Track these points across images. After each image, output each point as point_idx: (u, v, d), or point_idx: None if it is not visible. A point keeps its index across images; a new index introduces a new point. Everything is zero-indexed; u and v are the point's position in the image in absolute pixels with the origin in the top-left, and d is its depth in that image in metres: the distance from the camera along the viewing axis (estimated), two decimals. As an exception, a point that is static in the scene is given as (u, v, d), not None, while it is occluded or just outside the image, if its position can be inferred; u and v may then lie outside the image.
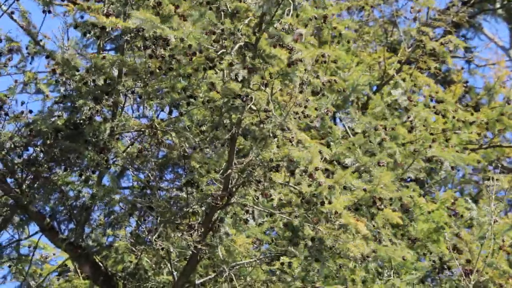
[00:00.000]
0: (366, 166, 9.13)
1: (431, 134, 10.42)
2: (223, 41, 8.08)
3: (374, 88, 11.92)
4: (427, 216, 10.15)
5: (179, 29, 8.23)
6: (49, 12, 9.08)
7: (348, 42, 11.54)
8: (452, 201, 10.26)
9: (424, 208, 10.17)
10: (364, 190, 8.55)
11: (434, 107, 10.95)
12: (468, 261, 9.20)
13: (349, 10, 12.92)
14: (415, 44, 11.23)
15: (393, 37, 13.09)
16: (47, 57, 9.45)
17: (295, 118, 8.25)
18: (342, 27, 11.09)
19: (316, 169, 8.25)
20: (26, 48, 9.66)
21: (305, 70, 8.03)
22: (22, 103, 9.57)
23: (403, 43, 11.84)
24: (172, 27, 8.28)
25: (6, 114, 9.54)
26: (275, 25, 7.96)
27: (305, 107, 8.12)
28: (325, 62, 8.60)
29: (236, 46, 8.06)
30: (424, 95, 11.31)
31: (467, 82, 12.50)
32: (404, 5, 13.21)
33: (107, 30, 8.93)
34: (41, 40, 9.65)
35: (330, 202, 8.25)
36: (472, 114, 11.20)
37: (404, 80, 11.41)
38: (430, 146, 10.08)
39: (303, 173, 8.29)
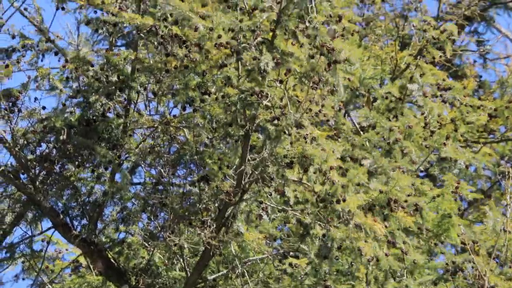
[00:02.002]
0: (383, 167, 9.11)
1: (441, 125, 10.37)
2: (242, 37, 8.07)
3: (386, 82, 11.88)
4: (433, 203, 10.11)
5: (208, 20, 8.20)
6: (63, 9, 9.07)
7: (352, 34, 11.49)
8: (456, 185, 10.20)
9: (429, 194, 10.12)
10: (380, 191, 8.55)
11: (441, 95, 10.88)
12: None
13: (359, 5, 12.87)
14: (420, 36, 11.18)
15: (404, 31, 13.04)
16: (56, 53, 9.44)
17: (310, 116, 8.24)
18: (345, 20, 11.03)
19: (331, 168, 8.24)
20: (38, 45, 9.65)
21: (350, 66, 7.97)
22: (35, 99, 9.59)
23: (414, 36, 11.78)
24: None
25: (20, 110, 9.55)
26: (305, 25, 7.93)
27: (322, 106, 8.10)
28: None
29: (255, 42, 8.04)
30: (431, 84, 11.25)
31: (480, 76, 12.47)
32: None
33: (119, 26, 8.92)
34: (52, 40, 9.64)
35: (344, 201, 8.24)
36: (479, 99, 11.15)
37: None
38: (444, 144, 10.05)
39: (318, 172, 8.28)
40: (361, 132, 10.43)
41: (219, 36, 8.22)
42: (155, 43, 8.67)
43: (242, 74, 8.34)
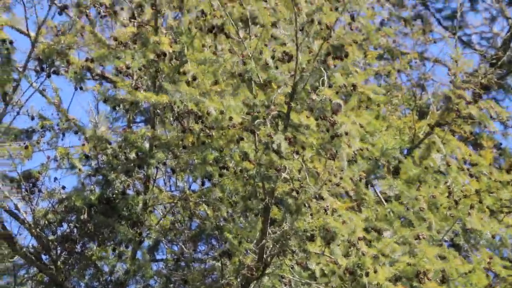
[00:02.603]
0: (405, 238, 9.02)
1: (465, 196, 10.31)
2: (257, 112, 8.12)
3: (405, 151, 11.87)
4: (464, 279, 9.98)
5: (219, 102, 8.29)
6: (81, 88, 9.18)
7: (378, 105, 11.54)
8: (488, 260, 10.09)
9: (460, 269, 10.00)
10: (409, 264, 8.47)
11: (468, 169, 10.85)
12: None
13: (375, 76, 12.94)
14: (449, 108, 11.19)
15: (421, 100, 13.07)
16: (76, 132, 9.53)
17: (329, 188, 8.23)
18: (369, 91, 11.10)
19: (359, 239, 8.19)
20: (57, 125, 9.74)
21: (349, 145, 8.03)
22: (55, 179, 9.64)
23: (432, 106, 11.81)
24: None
25: (40, 191, 9.59)
26: (313, 97, 7.99)
27: (341, 178, 8.10)
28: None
29: (270, 116, 8.09)
30: (457, 157, 11.23)
31: (500, 144, 12.42)
32: (432, 68, 13.25)
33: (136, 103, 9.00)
34: (70, 119, 9.73)
35: (375, 272, 8.16)
36: (508, 172, 11.07)
37: (433, 143, 11.35)
38: (469, 214, 9.96)
39: (344, 243, 8.22)
40: (385, 203, 10.38)
41: (230, 118, 8.29)
42: (171, 119, 8.74)
43: (259, 147, 8.36)
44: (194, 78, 8.36)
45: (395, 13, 13.64)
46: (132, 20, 8.83)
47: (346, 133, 7.99)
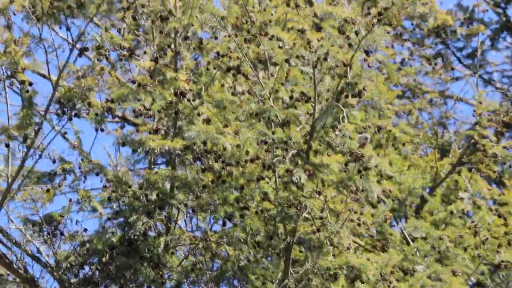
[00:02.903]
0: (437, 273, 8.93)
1: (494, 237, 10.22)
2: (276, 150, 8.14)
3: (427, 190, 11.81)
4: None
5: (235, 137, 8.32)
6: (102, 130, 9.23)
7: (404, 145, 11.52)
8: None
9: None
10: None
11: (496, 210, 10.76)
12: None
13: (397, 114, 12.93)
14: (474, 147, 11.14)
15: (443, 139, 13.04)
16: (97, 174, 9.56)
17: (352, 226, 8.19)
18: (397, 130, 11.09)
19: (392, 272, 8.13)
20: (79, 167, 9.79)
21: (381, 176, 8.01)
22: (77, 222, 9.66)
23: (453, 144, 11.78)
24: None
25: (62, 233, 9.61)
26: (336, 133, 7.99)
27: (361, 213, 8.06)
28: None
29: (289, 154, 8.09)
30: (484, 197, 11.16)
31: (525, 181, 12.29)
32: (453, 107, 13.23)
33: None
34: (92, 161, 9.79)
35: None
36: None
37: (456, 182, 11.29)
38: (497, 251, 9.86)
39: (371, 281, 8.16)
40: (411, 242, 10.31)
41: (247, 152, 8.29)
42: (191, 159, 8.76)
43: (279, 186, 8.35)
44: (208, 120, 8.40)
45: (415, 51, 13.66)
46: (152, 61, 8.89)
47: (376, 166, 7.96)
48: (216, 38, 8.80)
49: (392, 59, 12.38)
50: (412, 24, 13.15)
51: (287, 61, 8.35)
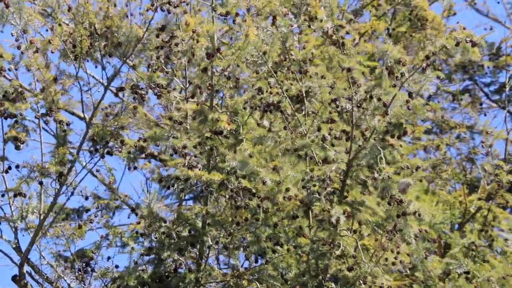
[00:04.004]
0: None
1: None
2: (313, 187, 8.13)
3: (456, 226, 11.77)
4: None
5: (275, 173, 8.33)
6: (135, 168, 9.28)
7: (420, 181, 11.49)
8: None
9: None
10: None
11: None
12: None
13: (425, 149, 12.93)
14: (493, 180, 11.11)
15: (471, 174, 13.00)
16: (132, 210, 9.61)
17: (385, 265, 8.17)
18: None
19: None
20: (109, 204, 9.84)
21: (421, 220, 8.01)
22: (108, 258, 9.69)
23: (482, 180, 11.73)
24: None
25: (93, 270, 9.64)
26: (375, 175, 8.00)
27: (398, 253, 8.04)
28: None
29: (325, 192, 8.09)
30: (504, 229, 11.11)
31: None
32: (481, 143, 13.17)
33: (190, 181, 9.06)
34: (122, 197, 9.84)
35: None
36: None
37: (486, 217, 11.25)
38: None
39: None
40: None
41: (287, 189, 8.30)
42: (226, 196, 8.78)
43: (313, 224, 8.35)
44: (250, 156, 8.42)
45: (442, 86, 13.68)
46: (189, 100, 8.96)
47: (415, 213, 7.95)
48: (257, 73, 8.84)
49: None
50: (439, 60, 13.17)
51: (334, 100, 8.38)
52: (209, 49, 8.69)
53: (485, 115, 13.94)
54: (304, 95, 8.76)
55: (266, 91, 8.72)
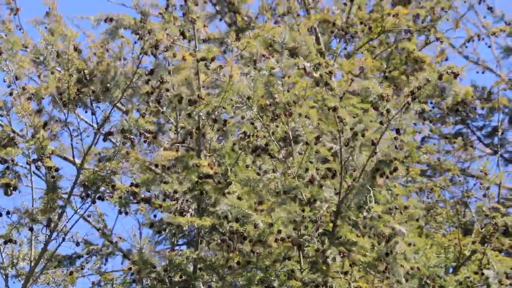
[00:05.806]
0: None
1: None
2: (304, 228, 8.13)
3: (451, 270, 11.71)
4: None
5: (267, 216, 8.33)
6: (126, 213, 9.26)
7: (417, 220, 11.47)
8: None
9: None
10: None
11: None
12: None
13: (418, 192, 12.90)
14: (488, 222, 11.09)
15: (465, 217, 12.97)
16: (124, 256, 9.56)
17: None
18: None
19: None
20: (101, 250, 9.79)
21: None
22: (99, 305, 9.63)
23: (476, 223, 11.70)
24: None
25: (85, 319, 9.58)
26: (364, 214, 8.00)
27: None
28: None
29: (317, 233, 8.08)
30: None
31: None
32: (474, 186, 13.16)
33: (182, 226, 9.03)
34: (114, 243, 9.80)
35: None
36: None
37: (481, 260, 11.21)
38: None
39: None
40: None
41: (279, 231, 8.28)
42: (218, 240, 8.75)
43: (305, 266, 8.31)
44: (239, 198, 8.41)
45: (435, 129, 13.72)
46: (177, 144, 8.97)
47: (403, 254, 7.94)
48: (243, 118, 8.87)
49: (413, 137, 12.41)
50: (431, 103, 13.23)
51: (317, 138, 8.39)
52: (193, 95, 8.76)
53: (479, 158, 13.95)
54: (290, 137, 8.78)
55: (252, 135, 8.76)
